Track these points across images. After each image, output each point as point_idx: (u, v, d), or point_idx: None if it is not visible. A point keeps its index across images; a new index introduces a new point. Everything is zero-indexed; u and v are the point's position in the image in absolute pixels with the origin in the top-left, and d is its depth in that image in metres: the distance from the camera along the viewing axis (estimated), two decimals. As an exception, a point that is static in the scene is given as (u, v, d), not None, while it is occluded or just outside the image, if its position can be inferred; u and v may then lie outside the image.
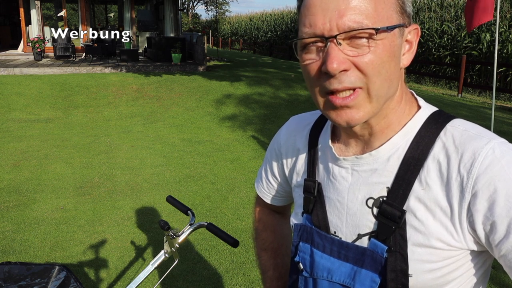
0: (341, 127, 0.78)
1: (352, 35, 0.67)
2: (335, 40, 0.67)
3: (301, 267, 0.87)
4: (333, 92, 0.70)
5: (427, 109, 0.78)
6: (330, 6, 0.67)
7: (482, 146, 0.68)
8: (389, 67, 0.69)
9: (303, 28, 0.70)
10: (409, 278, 0.73)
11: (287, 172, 0.99)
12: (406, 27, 0.73)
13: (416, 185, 0.73)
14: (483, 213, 0.67)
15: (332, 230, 0.83)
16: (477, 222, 0.68)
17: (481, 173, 0.67)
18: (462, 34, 14.33)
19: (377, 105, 0.71)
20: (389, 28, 0.68)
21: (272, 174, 1.05)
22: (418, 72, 15.11)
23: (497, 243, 0.67)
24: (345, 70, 0.67)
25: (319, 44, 0.69)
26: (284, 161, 0.99)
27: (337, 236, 0.82)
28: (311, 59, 0.71)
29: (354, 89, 0.69)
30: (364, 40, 0.67)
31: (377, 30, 0.66)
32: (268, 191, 1.09)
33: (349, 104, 0.69)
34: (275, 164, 1.03)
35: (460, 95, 11.73)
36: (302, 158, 0.93)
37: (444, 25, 15.26)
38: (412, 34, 0.75)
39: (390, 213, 0.74)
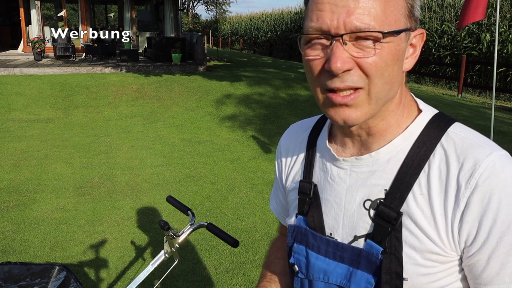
0: (338, 125, 0.78)
1: (358, 36, 0.67)
2: (341, 40, 0.67)
3: (296, 268, 0.87)
4: (334, 90, 0.70)
5: (428, 112, 0.78)
6: (339, 3, 0.66)
7: (484, 158, 0.69)
8: (392, 70, 0.70)
9: (310, 22, 0.70)
10: (404, 282, 0.73)
11: (283, 177, 0.97)
12: (413, 31, 0.72)
13: (415, 189, 0.72)
14: (470, 224, 0.68)
15: (327, 231, 0.82)
16: (463, 231, 0.69)
17: (479, 185, 0.67)
18: (462, 34, 14.33)
19: (376, 106, 0.71)
20: (396, 32, 0.68)
21: (279, 186, 1.02)
22: (418, 72, 15.10)
23: (471, 253, 0.69)
24: (348, 70, 0.67)
25: (324, 41, 0.69)
26: (283, 167, 0.98)
27: (333, 238, 0.81)
28: (315, 55, 0.70)
29: (355, 89, 0.69)
30: (370, 42, 0.67)
31: (384, 34, 0.66)
32: (281, 210, 1.04)
33: (349, 103, 0.69)
34: (278, 174, 1.01)
35: (460, 95, 11.72)
36: (299, 162, 0.92)
37: (444, 25, 15.26)
38: (417, 38, 0.74)
39: (387, 215, 0.73)
